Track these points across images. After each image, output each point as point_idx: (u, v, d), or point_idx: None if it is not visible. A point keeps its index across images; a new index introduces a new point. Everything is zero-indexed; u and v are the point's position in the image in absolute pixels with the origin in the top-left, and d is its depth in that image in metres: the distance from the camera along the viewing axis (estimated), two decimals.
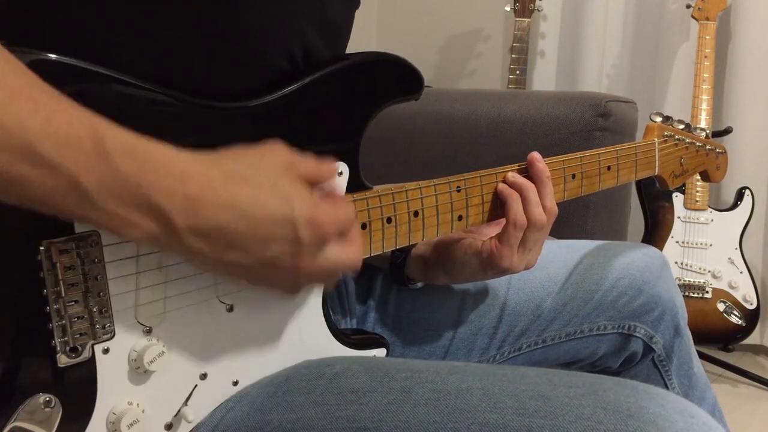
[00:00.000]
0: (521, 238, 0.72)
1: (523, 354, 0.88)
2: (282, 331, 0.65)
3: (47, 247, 0.49)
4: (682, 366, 0.93)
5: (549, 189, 0.74)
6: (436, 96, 1.64)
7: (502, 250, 0.71)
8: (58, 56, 0.49)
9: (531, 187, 0.73)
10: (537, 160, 0.74)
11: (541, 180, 0.74)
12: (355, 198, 0.64)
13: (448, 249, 0.77)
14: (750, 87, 2.05)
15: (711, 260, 1.97)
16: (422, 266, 0.80)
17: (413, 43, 2.62)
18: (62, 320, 0.51)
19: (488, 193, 0.74)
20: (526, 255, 0.73)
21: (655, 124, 0.94)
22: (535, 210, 0.72)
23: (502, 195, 0.73)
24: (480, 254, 0.73)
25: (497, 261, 0.72)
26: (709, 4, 1.98)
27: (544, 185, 0.74)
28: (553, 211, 0.74)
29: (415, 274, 0.82)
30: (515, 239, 0.71)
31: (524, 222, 0.71)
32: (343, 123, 0.65)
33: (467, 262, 0.75)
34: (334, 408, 0.58)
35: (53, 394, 0.51)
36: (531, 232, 0.72)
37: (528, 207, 0.72)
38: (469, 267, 0.75)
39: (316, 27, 0.64)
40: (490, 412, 0.54)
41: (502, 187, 0.74)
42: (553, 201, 0.74)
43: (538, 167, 0.74)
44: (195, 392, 0.59)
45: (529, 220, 0.72)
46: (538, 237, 0.73)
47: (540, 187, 0.73)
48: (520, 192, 0.73)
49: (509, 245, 0.71)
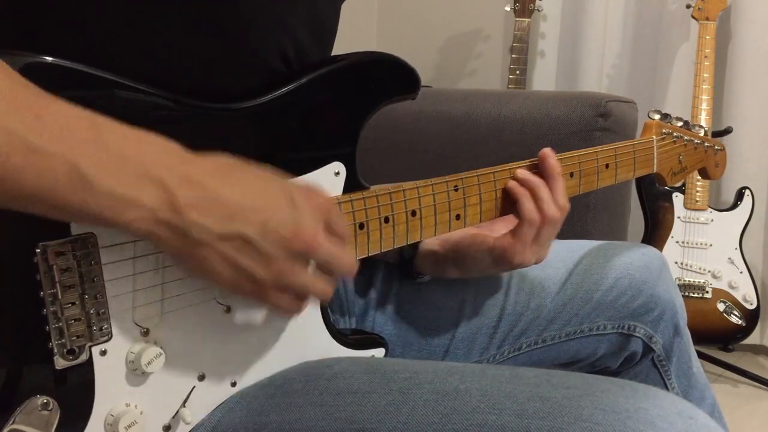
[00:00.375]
0: (535, 235, 0.73)
1: (523, 354, 0.88)
2: (280, 332, 0.65)
3: (43, 249, 0.49)
4: (682, 366, 0.93)
5: (561, 185, 0.75)
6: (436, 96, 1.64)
7: (515, 246, 0.73)
8: (54, 59, 0.49)
9: (542, 183, 0.74)
10: (549, 156, 0.75)
11: (552, 176, 0.74)
12: (352, 198, 0.64)
13: (459, 245, 0.78)
14: (750, 87, 2.05)
15: (711, 260, 1.97)
16: (433, 261, 0.81)
17: (413, 43, 2.61)
18: (59, 322, 0.50)
19: (486, 192, 0.74)
20: (538, 250, 0.74)
21: (653, 122, 0.94)
22: (548, 207, 0.73)
23: (514, 193, 0.74)
24: (492, 251, 0.74)
25: (510, 257, 0.73)
26: (709, 4, 1.97)
27: (556, 181, 0.74)
28: (566, 207, 0.75)
29: (425, 269, 0.83)
30: (529, 236, 0.73)
31: (538, 219, 0.72)
32: (340, 123, 0.65)
33: (479, 258, 0.76)
34: (333, 409, 0.58)
35: (51, 396, 0.51)
36: (545, 229, 0.73)
37: (540, 204, 0.73)
38: (481, 263, 0.76)
39: (306, 25, 0.64)
40: (488, 413, 0.54)
41: (513, 185, 0.74)
42: (565, 197, 0.75)
43: (550, 163, 0.75)
44: (193, 393, 0.59)
45: (542, 216, 0.73)
46: (551, 232, 0.74)
47: (552, 183, 0.74)
48: (531, 190, 0.73)
49: (523, 242, 0.72)
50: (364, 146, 0.66)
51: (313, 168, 0.63)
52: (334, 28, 0.71)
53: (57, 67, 0.49)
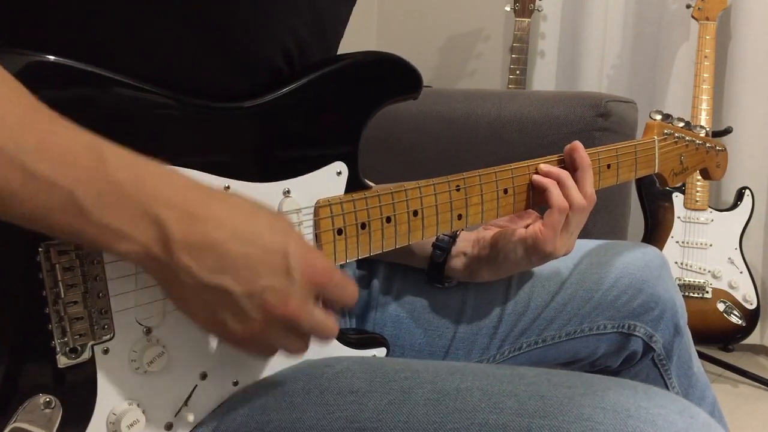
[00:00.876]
0: (564, 222, 0.75)
1: (523, 353, 0.88)
2: None
3: (46, 248, 0.49)
4: (682, 365, 0.93)
5: (589, 175, 0.78)
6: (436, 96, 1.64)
7: (546, 233, 0.75)
8: (56, 58, 0.49)
9: (566, 174, 0.77)
10: (580, 149, 0.79)
11: (582, 167, 0.78)
12: (354, 197, 0.65)
13: (491, 240, 0.81)
14: (750, 87, 2.05)
15: (711, 260, 1.97)
16: (465, 262, 0.83)
17: (413, 43, 2.62)
18: (62, 321, 0.51)
19: (488, 192, 0.74)
20: (568, 239, 0.77)
21: (654, 122, 0.94)
22: (575, 194, 0.76)
23: (540, 184, 0.77)
24: (525, 241, 0.76)
25: (542, 245, 0.75)
26: (709, 4, 1.98)
27: (586, 171, 0.78)
28: (593, 198, 0.78)
29: (457, 272, 0.84)
30: (559, 223, 0.75)
31: (566, 205, 0.75)
32: (342, 123, 0.65)
33: (512, 250, 0.78)
34: (334, 408, 0.58)
35: (53, 395, 0.51)
36: (573, 215, 0.76)
37: (567, 191, 0.76)
38: (514, 255, 0.78)
39: (308, 25, 0.64)
40: (489, 412, 0.54)
41: (539, 178, 0.78)
42: (592, 187, 0.78)
43: (581, 155, 0.78)
44: (195, 392, 0.59)
45: (570, 203, 0.76)
46: (580, 220, 0.77)
47: (582, 174, 0.78)
48: (557, 179, 0.77)
49: (553, 229, 0.75)
50: (365, 146, 0.66)
51: (315, 167, 0.63)
52: (338, 29, 0.71)
53: (59, 65, 0.49)
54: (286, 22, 0.62)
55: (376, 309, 0.88)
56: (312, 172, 0.63)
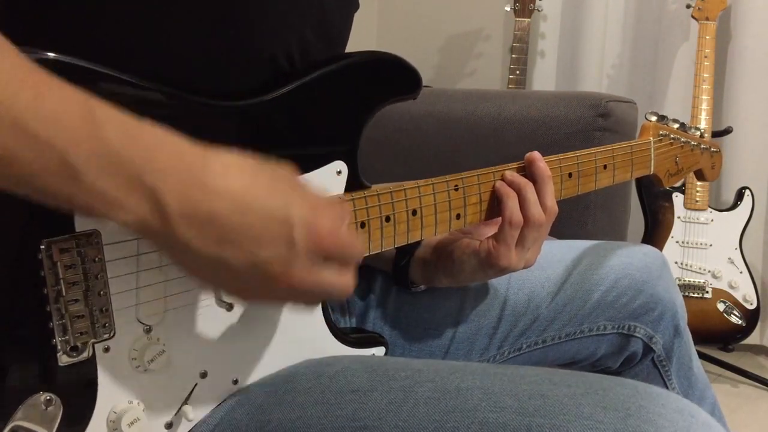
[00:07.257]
0: (519, 237, 0.71)
1: (523, 354, 0.88)
2: (282, 330, 0.65)
3: (48, 245, 0.49)
4: (682, 366, 0.93)
5: (549, 188, 0.74)
6: (436, 96, 1.64)
7: (499, 249, 0.71)
8: (57, 55, 0.49)
9: (529, 185, 0.73)
10: (537, 160, 0.74)
11: (542, 179, 0.74)
12: (353, 197, 0.65)
13: (447, 250, 0.77)
14: (750, 87, 2.05)
15: (711, 260, 1.97)
16: (423, 269, 0.80)
17: (413, 43, 2.62)
18: (63, 319, 0.51)
19: (486, 192, 0.74)
20: (525, 254, 0.73)
21: (650, 124, 0.94)
22: (533, 208, 0.72)
23: (499, 193, 0.73)
24: (478, 254, 0.73)
25: (495, 260, 0.71)
26: (709, 4, 1.98)
27: (545, 184, 0.73)
28: (554, 210, 0.74)
29: (417, 277, 0.82)
30: (512, 238, 0.71)
31: (520, 220, 0.71)
32: (342, 122, 0.65)
33: (466, 261, 0.74)
34: (335, 407, 0.58)
35: (54, 392, 0.51)
36: (529, 231, 0.71)
37: (525, 205, 0.72)
38: (469, 266, 0.74)
39: (314, 27, 0.64)
40: (490, 411, 0.54)
41: (500, 185, 0.73)
42: (553, 200, 0.74)
43: (539, 166, 0.74)
44: (195, 391, 0.59)
45: (526, 218, 0.71)
46: (537, 236, 0.73)
47: (541, 186, 0.73)
48: (517, 191, 0.72)
49: (506, 244, 0.71)
50: (365, 146, 0.66)
51: (315, 166, 0.63)
52: (344, 34, 0.70)
53: (60, 63, 0.49)
54: (291, 22, 0.62)
55: (375, 310, 0.87)
56: (312, 171, 0.63)
